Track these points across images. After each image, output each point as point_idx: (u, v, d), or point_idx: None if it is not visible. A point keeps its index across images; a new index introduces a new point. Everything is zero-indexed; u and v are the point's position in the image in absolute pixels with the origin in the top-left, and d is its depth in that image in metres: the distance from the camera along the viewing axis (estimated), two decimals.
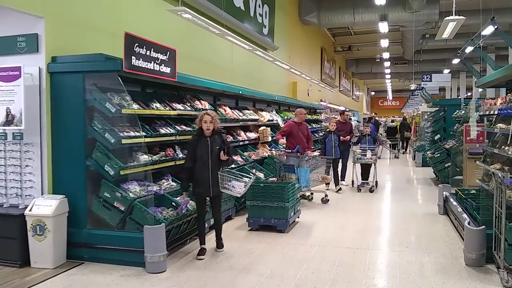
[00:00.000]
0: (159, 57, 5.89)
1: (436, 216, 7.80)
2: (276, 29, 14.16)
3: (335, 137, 10.37)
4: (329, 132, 10.50)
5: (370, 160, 10.53)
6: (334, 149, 10.28)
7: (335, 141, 10.35)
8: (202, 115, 5.61)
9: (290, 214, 6.71)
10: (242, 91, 9.21)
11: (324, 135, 10.71)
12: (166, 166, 6.30)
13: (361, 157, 10.49)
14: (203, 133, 5.58)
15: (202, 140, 5.56)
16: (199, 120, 5.61)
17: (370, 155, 10.50)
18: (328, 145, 10.35)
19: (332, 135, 10.38)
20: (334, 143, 10.31)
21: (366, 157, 10.48)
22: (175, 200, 5.77)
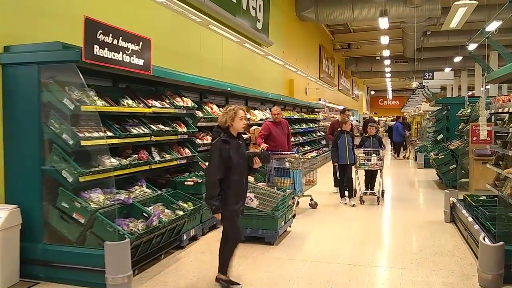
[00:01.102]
0: (130, 47, 5.17)
1: (442, 225, 7.09)
2: (271, 24, 13.44)
3: (349, 138, 8.72)
4: (342, 132, 8.86)
5: (375, 166, 8.93)
6: (349, 153, 8.67)
7: (349, 143, 8.70)
8: (236, 110, 4.36)
9: (280, 224, 5.99)
10: (231, 88, 8.49)
11: (336, 135, 8.97)
12: (140, 171, 5.59)
13: (364, 163, 8.87)
14: (232, 133, 4.37)
15: (233, 142, 4.32)
16: (231, 117, 4.32)
17: (375, 160, 8.84)
18: (341, 148, 8.69)
19: (346, 136, 8.76)
20: (348, 146, 8.68)
21: (370, 163, 8.88)
22: (146, 210, 5.04)
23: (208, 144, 7.38)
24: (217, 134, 4.34)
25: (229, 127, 4.34)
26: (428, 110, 19.57)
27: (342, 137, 8.80)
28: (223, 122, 4.34)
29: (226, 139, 4.25)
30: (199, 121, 7.17)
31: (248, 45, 8.95)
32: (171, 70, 6.50)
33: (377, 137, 9.36)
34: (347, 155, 8.62)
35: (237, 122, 4.34)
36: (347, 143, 8.60)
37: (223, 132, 4.32)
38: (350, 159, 8.65)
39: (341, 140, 8.71)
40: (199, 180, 6.31)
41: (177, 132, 6.32)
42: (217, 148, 4.21)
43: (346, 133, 8.81)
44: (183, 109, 6.54)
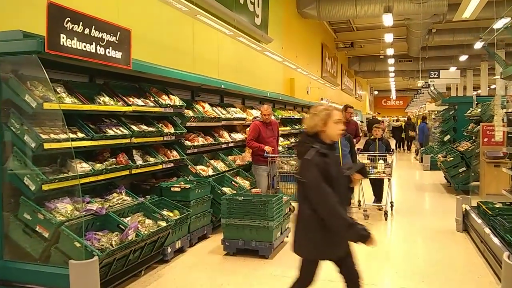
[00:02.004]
0: (105, 38, 4.59)
1: (454, 234, 6.49)
2: (271, 21, 12.84)
3: (343, 142, 7.08)
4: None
5: (382, 175, 7.55)
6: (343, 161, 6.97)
7: (343, 148, 7.14)
8: (331, 110, 3.18)
9: (276, 236, 5.40)
10: (225, 86, 7.90)
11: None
12: (118, 176, 5.01)
13: (370, 170, 7.59)
14: (325, 141, 3.14)
15: (331, 155, 3.13)
16: (323, 120, 3.12)
17: (382, 167, 7.56)
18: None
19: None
20: (342, 152, 7.09)
21: (376, 170, 7.57)
22: (122, 221, 4.47)
23: (199, 146, 6.81)
24: (307, 145, 3.07)
25: (320, 133, 3.13)
26: (434, 110, 18.96)
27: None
28: (312, 127, 3.14)
29: (324, 152, 3.04)
30: (189, 121, 6.58)
31: (243, 39, 8.32)
32: (156, 65, 5.93)
33: (384, 140, 8.25)
34: (341, 163, 6.72)
35: (331, 127, 3.13)
36: (341, 148, 6.96)
37: (316, 142, 3.08)
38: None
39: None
40: (187, 186, 5.72)
41: (162, 133, 5.74)
42: (314, 167, 2.96)
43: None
44: (170, 108, 5.97)
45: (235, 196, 5.62)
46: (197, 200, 5.81)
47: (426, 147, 17.03)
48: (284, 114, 12.31)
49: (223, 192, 6.36)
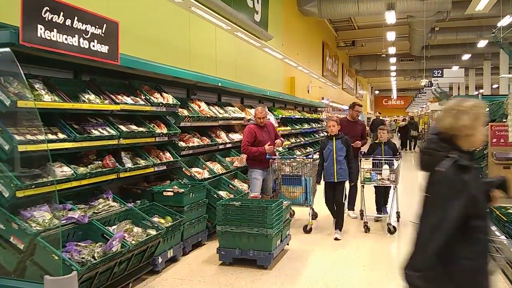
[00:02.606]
0: (90, 31, 4.22)
1: None
2: (271, 18, 12.46)
3: (338, 145, 6.26)
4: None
5: (386, 182, 6.68)
6: (337, 166, 6.21)
7: (338, 153, 6.26)
8: (482, 109, 2.31)
9: (275, 244, 5.02)
10: (222, 83, 7.52)
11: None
12: (105, 181, 4.64)
13: (373, 176, 6.66)
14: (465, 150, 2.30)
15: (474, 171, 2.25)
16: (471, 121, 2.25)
17: (387, 174, 6.64)
18: (327, 160, 6.31)
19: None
20: (336, 157, 6.23)
21: (381, 177, 6.69)
22: (107, 230, 4.08)
23: (195, 147, 6.44)
24: (442, 153, 2.23)
25: (460, 138, 2.26)
26: (437, 109, 18.59)
27: (329, 144, 6.45)
28: (451, 128, 2.27)
29: (465, 165, 2.16)
30: (184, 121, 6.21)
31: (241, 34, 7.91)
32: (148, 61, 5.56)
33: (391, 144, 7.13)
34: (335, 169, 6.17)
35: (480, 130, 2.28)
36: (335, 152, 6.16)
37: (453, 149, 2.24)
38: (340, 175, 6.17)
39: (327, 149, 6.28)
40: (181, 190, 5.34)
41: (154, 133, 5.36)
42: (451, 186, 2.16)
43: (334, 139, 6.44)
44: (163, 106, 5.59)
45: (232, 201, 5.25)
46: (191, 205, 5.43)
47: None
48: (284, 113, 11.94)
49: (219, 196, 5.98)
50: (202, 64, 8.37)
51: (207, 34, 8.76)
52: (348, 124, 7.37)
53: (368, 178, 6.77)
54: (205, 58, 8.72)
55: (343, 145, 6.22)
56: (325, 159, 6.28)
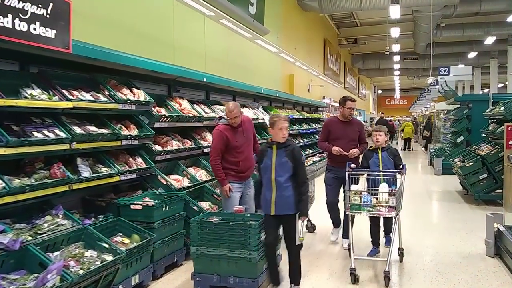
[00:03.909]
0: (30, 10, 3.41)
1: (484, 261, 5.27)
2: (268, 11, 11.61)
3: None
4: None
5: (382, 211, 4.68)
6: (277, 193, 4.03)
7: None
8: None
9: (261, 269, 4.20)
10: (208, 79, 6.69)
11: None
12: (54, 194, 3.82)
13: (365, 200, 4.70)
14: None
15: None
16: None
17: (385, 197, 4.68)
18: (265, 181, 4.13)
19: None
20: (276, 176, 4.03)
21: (375, 202, 4.72)
22: (46, 258, 3.27)
23: (173, 151, 5.62)
24: None
25: None
26: (444, 109, 17.75)
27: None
28: None
29: None
30: (160, 121, 5.39)
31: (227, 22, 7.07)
32: (113, 50, 4.74)
33: (391, 151, 5.29)
34: (272, 196, 4.02)
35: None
36: (274, 168, 4.00)
37: None
38: (279, 205, 4.01)
39: (265, 162, 4.08)
40: (152, 203, 4.53)
41: (119, 136, 4.54)
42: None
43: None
44: (131, 104, 4.77)
45: (210, 216, 4.42)
46: (164, 221, 4.62)
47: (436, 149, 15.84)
48: (281, 113, 11.09)
49: (200, 208, 5.16)
50: (188, 59, 7.56)
51: (194, 25, 7.95)
52: (339, 125, 5.63)
53: (357, 204, 4.70)
54: (192, 52, 7.91)
55: (287, 158, 4.00)
56: (262, 178, 4.14)
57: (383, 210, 4.67)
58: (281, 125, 4.02)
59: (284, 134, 4.05)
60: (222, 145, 4.95)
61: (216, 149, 4.96)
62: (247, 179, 5.21)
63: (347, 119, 5.64)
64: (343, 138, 5.53)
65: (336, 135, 5.55)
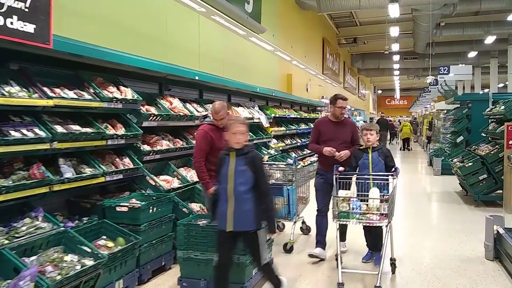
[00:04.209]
0: (6, 3, 3.26)
1: (483, 264, 5.11)
2: (264, 10, 11.45)
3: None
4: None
5: (373, 219, 4.26)
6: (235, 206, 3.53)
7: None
8: None
9: (250, 274, 4.04)
10: (200, 77, 6.53)
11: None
12: (33, 195, 3.66)
13: (354, 207, 4.29)
14: None
15: None
16: None
17: (375, 204, 4.28)
18: (221, 191, 3.67)
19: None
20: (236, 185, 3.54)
21: (364, 209, 4.30)
22: (21, 263, 3.11)
23: (163, 151, 5.47)
24: None
25: None
26: (443, 109, 17.58)
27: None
28: None
29: None
30: (149, 120, 5.23)
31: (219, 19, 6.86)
32: (98, 46, 4.58)
33: (382, 151, 4.82)
34: (229, 209, 3.52)
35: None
36: (233, 177, 3.54)
37: None
38: (238, 221, 3.51)
39: (223, 170, 3.62)
40: (138, 205, 4.37)
41: (104, 135, 4.39)
42: None
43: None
44: (117, 102, 4.62)
45: (198, 219, 4.27)
46: (151, 223, 4.46)
47: (435, 149, 15.68)
48: (278, 112, 10.95)
49: (190, 210, 5.01)
50: (181, 57, 7.40)
51: (188, 23, 7.78)
52: (330, 126, 5.21)
53: (345, 212, 4.29)
54: (186, 50, 7.75)
55: (247, 167, 3.53)
56: (219, 186, 3.70)
57: (373, 218, 4.23)
58: (235, 129, 3.56)
59: (239, 139, 3.57)
60: (207, 146, 4.64)
61: (200, 151, 4.63)
62: None
63: (339, 119, 5.22)
64: (335, 139, 5.11)
65: (327, 136, 5.16)
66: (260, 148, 9.01)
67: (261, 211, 3.55)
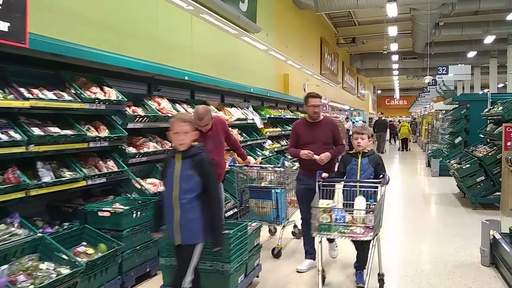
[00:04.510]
0: None
1: (479, 270, 4.96)
2: (261, 9, 11.31)
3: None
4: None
5: (356, 232, 3.81)
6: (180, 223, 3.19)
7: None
8: None
9: (236, 282, 3.88)
10: (190, 77, 6.37)
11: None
12: (8, 201, 3.51)
13: (337, 218, 3.84)
14: None
15: None
16: None
17: (361, 215, 3.85)
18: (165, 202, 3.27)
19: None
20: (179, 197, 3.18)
21: (347, 220, 3.86)
22: None
23: (150, 153, 5.31)
24: None
25: None
26: (442, 109, 17.43)
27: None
28: None
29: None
30: (135, 121, 5.08)
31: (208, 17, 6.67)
32: (80, 45, 4.43)
33: (372, 158, 4.36)
34: (176, 219, 3.18)
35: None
36: (178, 183, 3.19)
37: None
38: (185, 232, 3.19)
39: (168, 176, 3.27)
40: (120, 209, 4.22)
41: (85, 137, 4.23)
42: None
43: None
44: (100, 103, 4.46)
45: None
46: (135, 229, 4.31)
47: (433, 150, 15.52)
48: (273, 113, 10.80)
49: None
50: (174, 57, 7.23)
51: (180, 22, 7.61)
52: (307, 128, 4.86)
53: (326, 225, 3.84)
54: (178, 49, 7.57)
55: (194, 171, 3.17)
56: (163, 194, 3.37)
57: (357, 231, 3.78)
58: (178, 129, 3.18)
59: (182, 140, 3.18)
60: None
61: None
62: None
63: (315, 119, 4.83)
64: (314, 142, 4.74)
65: (305, 139, 4.80)
66: (254, 149, 8.86)
67: (208, 221, 3.19)
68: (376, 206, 3.86)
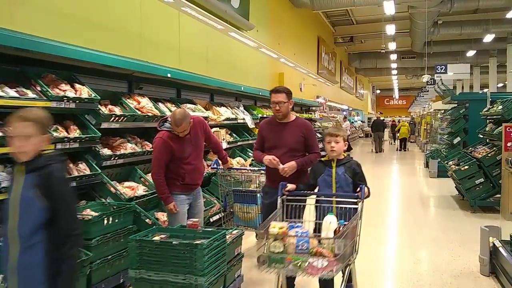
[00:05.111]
0: None
1: (478, 280, 4.64)
2: (254, 5, 11.00)
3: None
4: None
5: (313, 269, 2.74)
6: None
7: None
8: None
9: None
10: (173, 75, 6.03)
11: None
12: None
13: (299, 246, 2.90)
14: None
15: None
16: None
17: (329, 244, 2.86)
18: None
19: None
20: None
21: (315, 247, 2.86)
22: None
23: (127, 155, 4.98)
24: None
25: None
26: (441, 108, 17.13)
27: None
28: None
29: None
30: (110, 121, 4.75)
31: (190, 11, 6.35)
32: (47, 40, 4.11)
33: (349, 166, 3.51)
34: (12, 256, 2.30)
35: None
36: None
37: None
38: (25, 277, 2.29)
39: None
40: (89, 216, 3.90)
41: (54, 139, 3.91)
42: None
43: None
44: (70, 102, 4.13)
45: (157, 232, 3.78)
46: (105, 237, 3.98)
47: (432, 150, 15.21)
48: (266, 112, 10.45)
49: (154, 220, 4.54)
50: (160, 54, 6.93)
51: (166, 17, 7.30)
52: (274, 129, 4.09)
53: (277, 259, 2.93)
54: (164, 46, 7.26)
55: (38, 190, 2.28)
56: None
57: (317, 264, 2.76)
58: (16, 131, 2.28)
59: (21, 147, 2.28)
60: (166, 157, 4.17)
61: (159, 162, 4.17)
62: (195, 189, 4.51)
63: (280, 119, 4.05)
64: (280, 146, 3.99)
65: (270, 142, 4.05)
66: (245, 150, 8.54)
67: (54, 266, 2.28)
68: (347, 227, 2.90)
